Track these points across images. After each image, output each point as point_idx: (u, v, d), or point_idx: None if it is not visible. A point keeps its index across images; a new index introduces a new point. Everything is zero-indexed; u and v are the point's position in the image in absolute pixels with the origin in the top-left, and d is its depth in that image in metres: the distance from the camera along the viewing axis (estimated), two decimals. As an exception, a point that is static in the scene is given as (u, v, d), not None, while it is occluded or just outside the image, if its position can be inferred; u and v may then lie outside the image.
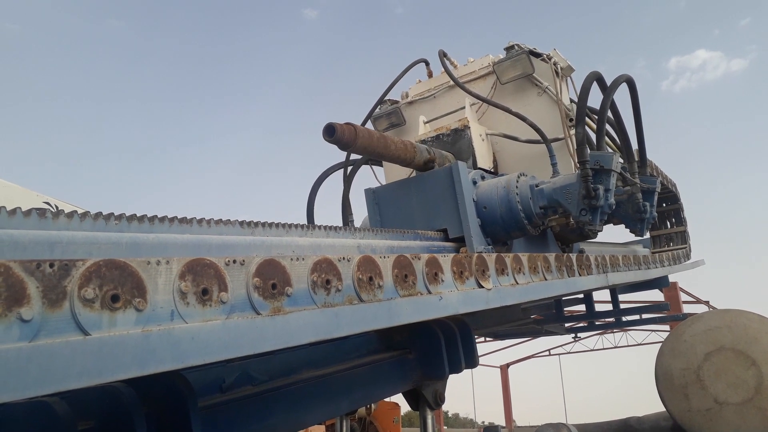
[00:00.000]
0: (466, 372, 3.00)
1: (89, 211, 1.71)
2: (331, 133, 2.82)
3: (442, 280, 1.95)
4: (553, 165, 3.85)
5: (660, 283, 6.98)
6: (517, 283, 2.48)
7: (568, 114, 4.33)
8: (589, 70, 3.96)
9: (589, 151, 3.23)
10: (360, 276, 1.57)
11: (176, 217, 1.95)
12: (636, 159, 4.10)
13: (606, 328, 7.91)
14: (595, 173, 3.20)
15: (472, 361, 2.96)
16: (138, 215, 1.83)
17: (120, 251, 1.71)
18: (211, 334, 1.15)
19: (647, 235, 5.57)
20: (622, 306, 7.39)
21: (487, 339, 21.15)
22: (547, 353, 25.85)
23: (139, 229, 1.80)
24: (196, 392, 1.74)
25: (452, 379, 2.96)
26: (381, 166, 4.99)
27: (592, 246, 5.03)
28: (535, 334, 8.53)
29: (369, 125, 5.04)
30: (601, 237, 5.65)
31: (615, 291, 6.94)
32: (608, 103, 3.62)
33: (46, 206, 3.36)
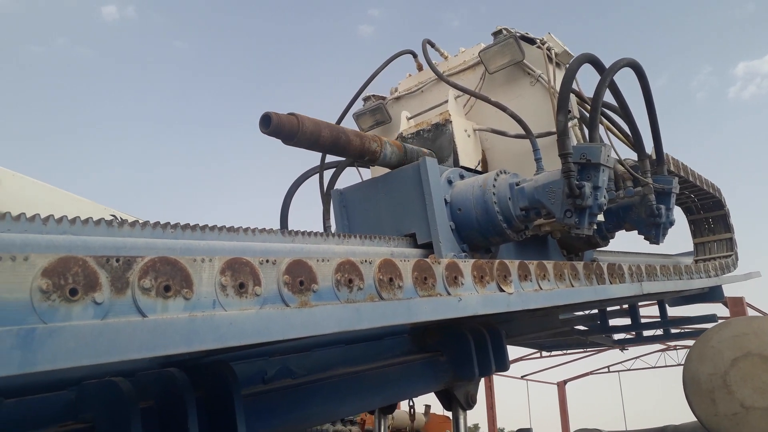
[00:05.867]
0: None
1: (149, 221, 1.98)
2: (267, 123, 2.52)
3: (462, 284, 2.10)
4: (537, 161, 3.47)
5: (713, 295, 6.83)
6: (541, 289, 2.59)
7: None
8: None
9: (574, 142, 2.89)
10: (381, 277, 1.76)
11: (224, 226, 2.20)
12: (649, 156, 3.73)
13: (653, 340, 7.75)
14: (582, 168, 2.89)
15: (502, 365, 3.09)
16: (191, 224, 2.08)
17: (174, 255, 1.97)
18: (247, 321, 1.36)
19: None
20: (675, 321, 7.28)
21: (544, 355, 20.87)
22: (606, 370, 25.20)
23: (191, 236, 2.05)
24: (240, 382, 1.97)
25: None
26: (368, 167, 4.50)
27: (619, 257, 4.97)
28: (580, 345, 8.46)
29: (353, 124, 4.67)
30: (639, 248, 5.56)
31: (663, 304, 6.84)
32: (603, 89, 3.24)
33: (112, 218, 3.70)
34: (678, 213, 6.33)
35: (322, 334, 1.54)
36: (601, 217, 3.37)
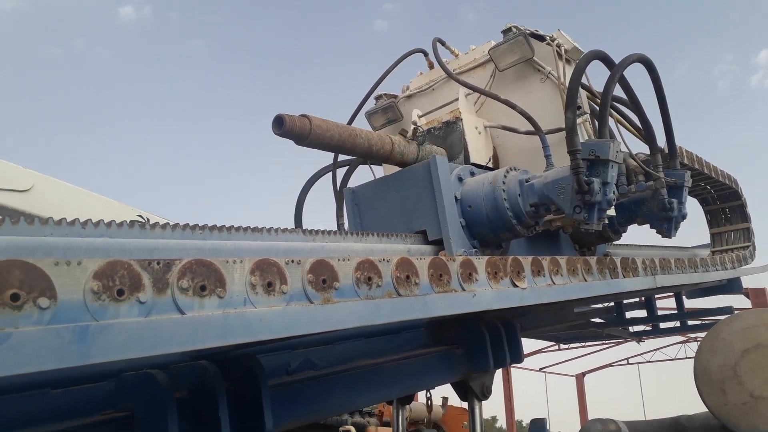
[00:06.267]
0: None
1: (179, 223, 2.10)
2: (279, 125, 2.60)
3: (476, 280, 2.19)
4: (547, 157, 3.47)
5: (732, 287, 6.82)
6: (554, 284, 2.67)
7: None
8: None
9: (583, 138, 2.90)
10: (398, 274, 1.86)
11: (249, 226, 2.32)
12: (661, 150, 3.74)
13: (670, 332, 7.80)
14: (591, 164, 2.91)
15: (517, 357, 3.19)
16: (218, 225, 2.20)
17: (204, 256, 2.09)
18: (275, 317, 1.47)
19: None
20: (692, 312, 7.28)
21: (562, 347, 20.88)
22: (625, 362, 25.11)
23: (219, 237, 2.17)
24: (267, 373, 2.09)
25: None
26: (381, 165, 4.42)
27: (634, 250, 5.00)
28: (597, 338, 8.52)
29: (365, 122, 4.70)
30: (655, 241, 5.58)
31: (680, 296, 6.85)
32: (612, 85, 3.25)
33: (138, 218, 3.87)
34: (694, 204, 6.35)
35: (343, 328, 1.64)
36: (612, 212, 3.41)
